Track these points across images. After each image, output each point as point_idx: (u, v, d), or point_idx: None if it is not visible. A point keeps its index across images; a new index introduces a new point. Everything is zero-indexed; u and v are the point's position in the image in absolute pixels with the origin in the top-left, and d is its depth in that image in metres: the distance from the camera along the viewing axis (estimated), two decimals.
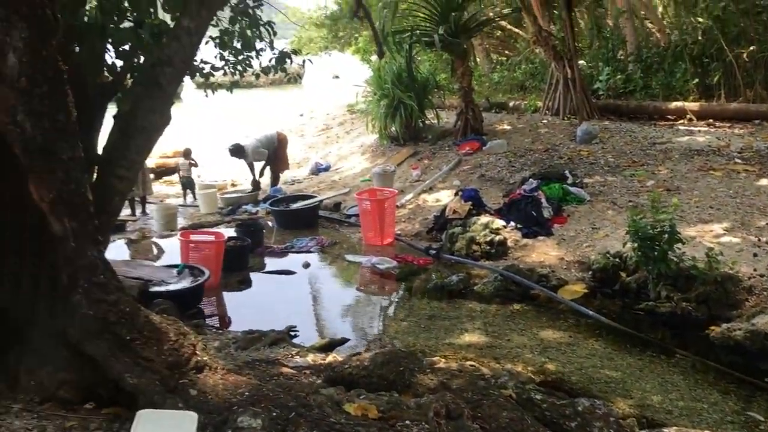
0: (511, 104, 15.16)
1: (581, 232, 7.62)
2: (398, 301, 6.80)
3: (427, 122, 13.41)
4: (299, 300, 6.92)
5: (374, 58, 14.98)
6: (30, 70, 2.91)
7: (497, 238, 7.49)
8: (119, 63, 4.45)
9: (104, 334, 3.21)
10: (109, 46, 4.38)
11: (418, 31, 12.53)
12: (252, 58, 5.98)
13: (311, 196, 10.37)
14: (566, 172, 9.20)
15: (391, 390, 3.88)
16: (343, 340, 5.58)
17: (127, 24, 4.44)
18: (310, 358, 4.76)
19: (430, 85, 13.69)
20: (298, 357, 4.79)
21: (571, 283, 6.52)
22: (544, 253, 7.29)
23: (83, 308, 3.19)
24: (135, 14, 4.46)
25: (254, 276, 7.63)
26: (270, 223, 9.70)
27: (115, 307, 3.29)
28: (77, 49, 4.07)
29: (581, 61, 14.36)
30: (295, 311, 6.40)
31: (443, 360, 4.78)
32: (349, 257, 8.06)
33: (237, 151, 11.47)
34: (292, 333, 5.67)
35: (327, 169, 13.81)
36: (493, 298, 6.35)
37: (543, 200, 8.18)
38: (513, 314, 6.03)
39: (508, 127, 12.90)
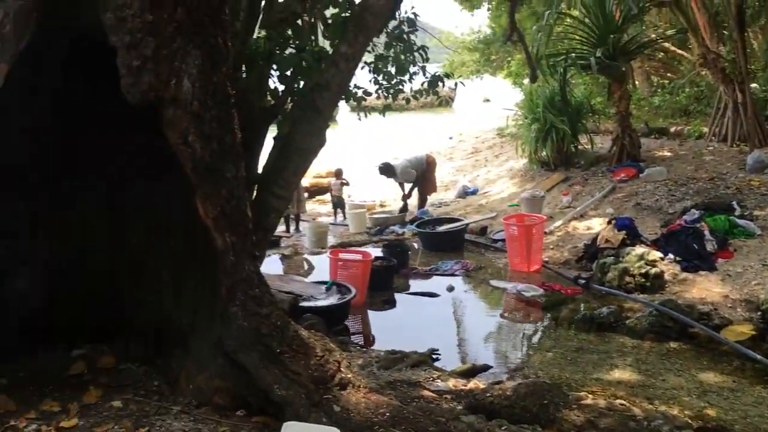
0: (672, 129, 14.34)
1: (749, 268, 7.01)
2: (543, 330, 6.60)
3: (579, 147, 12.97)
4: (442, 323, 6.91)
5: (526, 81, 14.76)
6: (202, 95, 3.13)
7: (653, 270, 7.07)
8: (281, 88, 4.69)
9: (257, 345, 3.35)
10: (273, 72, 4.64)
11: (573, 54, 12.19)
12: (405, 82, 6.09)
13: (458, 219, 10.35)
14: (734, 203, 8.54)
15: (533, 423, 3.76)
16: (485, 367, 5.47)
17: (289, 51, 4.68)
18: (451, 382, 4.72)
19: (585, 109, 13.26)
20: (439, 381, 4.75)
21: (737, 323, 5.98)
22: (705, 289, 6.78)
23: (239, 320, 3.36)
24: (297, 42, 4.71)
25: (398, 296, 7.70)
26: (416, 245, 9.77)
27: (268, 320, 3.44)
28: (244, 74, 4.35)
29: (753, 84, 13.32)
30: (437, 334, 6.37)
31: (590, 396, 4.54)
32: (494, 282, 7.94)
33: (386, 169, 11.73)
34: (434, 356, 5.63)
35: (474, 192, 13.74)
36: (646, 334, 5.97)
37: (706, 232, 7.63)
38: (669, 352, 5.65)
39: (669, 154, 12.22)
